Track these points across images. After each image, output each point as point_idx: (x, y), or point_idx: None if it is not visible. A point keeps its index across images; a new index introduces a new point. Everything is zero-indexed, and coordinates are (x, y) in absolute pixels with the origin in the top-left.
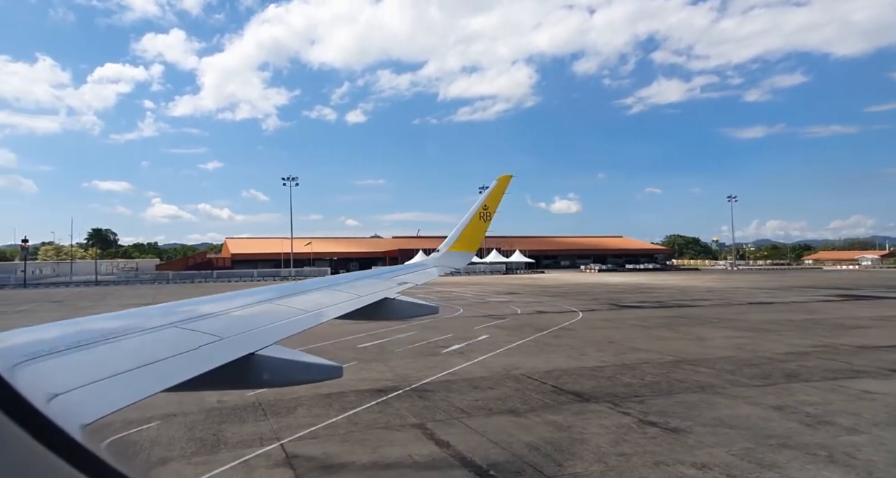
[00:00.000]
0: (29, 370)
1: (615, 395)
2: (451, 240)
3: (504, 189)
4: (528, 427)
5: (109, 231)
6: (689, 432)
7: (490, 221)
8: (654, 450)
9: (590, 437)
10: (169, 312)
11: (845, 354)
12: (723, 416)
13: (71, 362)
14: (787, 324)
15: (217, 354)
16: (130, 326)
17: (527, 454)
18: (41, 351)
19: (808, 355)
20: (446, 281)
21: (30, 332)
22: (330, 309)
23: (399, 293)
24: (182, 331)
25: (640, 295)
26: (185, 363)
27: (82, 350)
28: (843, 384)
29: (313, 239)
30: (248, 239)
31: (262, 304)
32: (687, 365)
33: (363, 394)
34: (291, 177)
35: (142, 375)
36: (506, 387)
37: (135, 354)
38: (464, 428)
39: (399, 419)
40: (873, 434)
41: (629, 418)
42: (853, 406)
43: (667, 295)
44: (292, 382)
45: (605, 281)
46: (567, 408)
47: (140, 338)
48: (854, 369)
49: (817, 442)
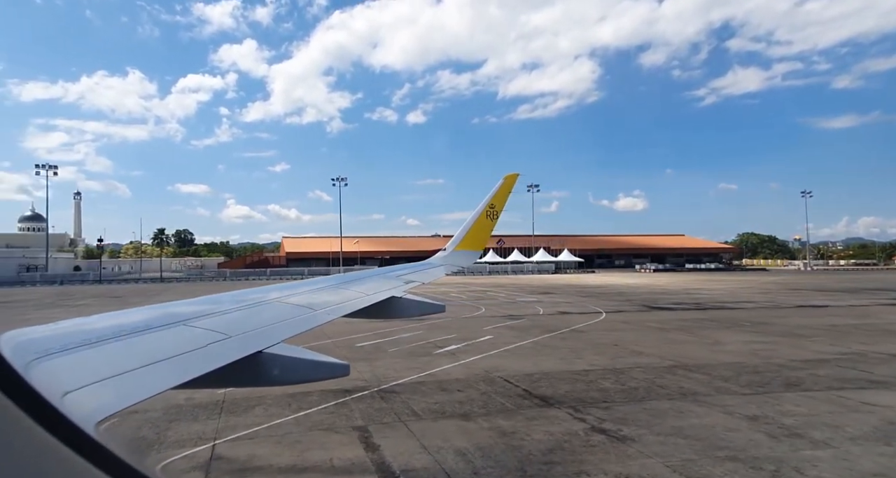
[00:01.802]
0: (43, 367)
1: (583, 400)
2: (458, 239)
3: (510, 188)
4: (469, 432)
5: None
6: (635, 441)
7: (497, 220)
8: (586, 459)
9: (527, 444)
10: (177, 310)
11: (872, 362)
12: (685, 425)
13: (82, 360)
14: (827, 329)
15: (224, 353)
16: (138, 323)
17: (449, 460)
18: (54, 348)
19: (827, 363)
20: (484, 282)
21: (43, 329)
22: (337, 308)
23: (406, 292)
24: (190, 329)
25: (682, 296)
26: (193, 361)
27: (92, 348)
28: (845, 395)
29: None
30: (302, 238)
31: (269, 302)
32: (682, 371)
33: (327, 394)
34: (341, 177)
35: (150, 372)
36: (475, 390)
37: (143, 352)
38: (404, 432)
39: (346, 421)
40: (842, 449)
41: (582, 425)
42: (840, 419)
43: (711, 297)
44: (299, 380)
45: (653, 282)
46: (524, 413)
47: (148, 336)
48: (872, 379)
49: (771, 456)
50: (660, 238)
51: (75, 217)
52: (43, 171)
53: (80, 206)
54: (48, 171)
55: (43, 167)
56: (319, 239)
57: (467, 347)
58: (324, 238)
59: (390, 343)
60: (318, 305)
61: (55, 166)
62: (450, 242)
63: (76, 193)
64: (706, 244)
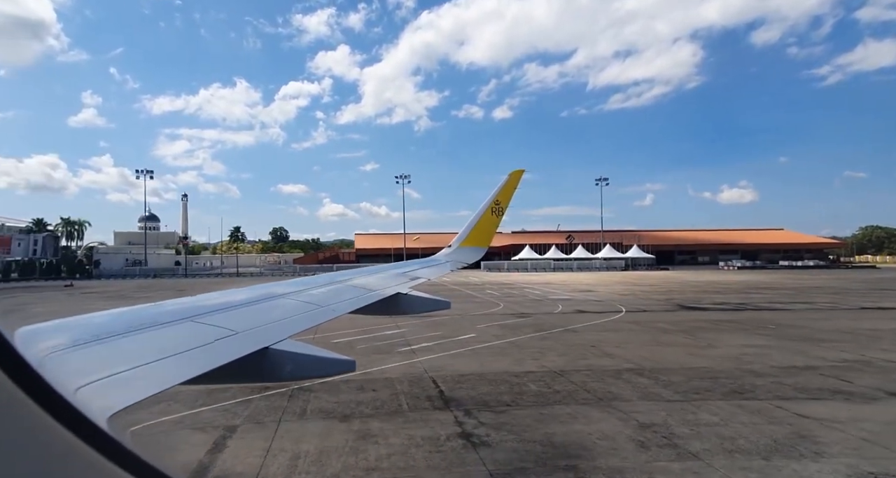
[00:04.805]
0: (56, 362)
1: (487, 403)
2: (463, 235)
3: (516, 184)
4: (330, 435)
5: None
6: (488, 447)
7: (502, 216)
8: (416, 465)
9: (375, 448)
10: (186, 306)
11: (869, 372)
12: (561, 432)
13: (93, 355)
14: (859, 334)
15: (231, 349)
16: (147, 319)
17: (275, 465)
18: (67, 344)
19: (811, 371)
20: (531, 279)
21: (56, 325)
22: (342, 304)
23: (411, 288)
24: (198, 325)
25: (736, 296)
26: (201, 357)
27: (102, 343)
28: (784, 406)
29: (425, 234)
30: (372, 235)
31: (277, 298)
32: (632, 375)
33: (247, 390)
34: (404, 175)
35: (159, 368)
36: (390, 390)
37: (151, 348)
38: (267, 434)
39: (225, 420)
40: (703, 462)
41: (452, 430)
42: (744, 430)
43: (767, 297)
44: (306, 375)
45: (722, 280)
46: (410, 415)
47: (156, 332)
48: (844, 390)
49: (617, 466)
50: (754, 232)
51: (182, 217)
52: (141, 176)
53: (186, 206)
54: (145, 175)
55: (141, 172)
56: (387, 236)
57: (435, 346)
58: (391, 235)
59: (366, 340)
60: (325, 302)
61: (151, 171)
62: (455, 238)
63: (183, 195)
64: (808, 239)
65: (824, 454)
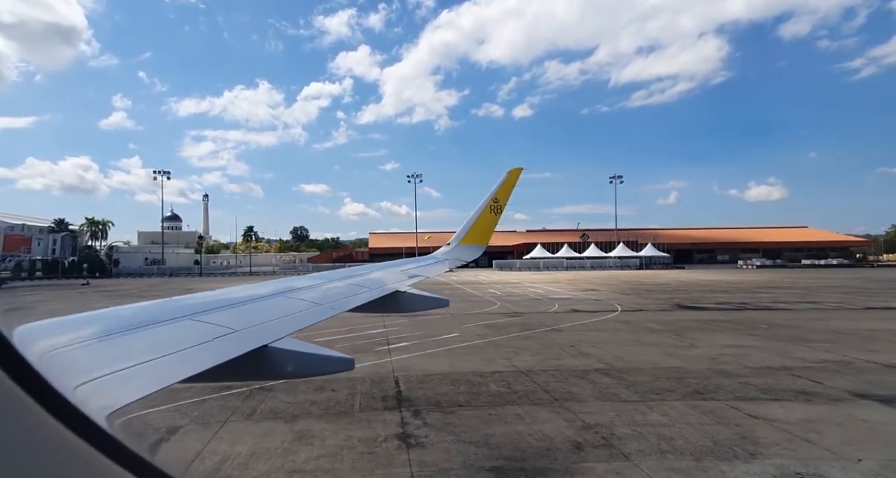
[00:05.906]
0: (56, 360)
1: (440, 404)
2: (462, 233)
3: (514, 182)
4: (271, 435)
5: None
6: (421, 448)
7: (501, 214)
8: (340, 468)
9: (308, 450)
10: (184, 305)
11: (846, 373)
12: (501, 432)
13: (92, 353)
14: (853, 334)
15: (230, 347)
16: (147, 318)
17: (201, 468)
18: (66, 342)
19: (784, 371)
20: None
21: (56, 323)
22: (340, 302)
23: (410, 286)
24: (197, 323)
25: (742, 295)
26: (200, 355)
27: (102, 341)
28: (740, 406)
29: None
30: (386, 234)
31: (275, 296)
32: (599, 375)
33: (206, 389)
34: (416, 174)
35: (158, 366)
36: (349, 390)
37: (151, 346)
38: (207, 435)
39: (173, 421)
40: (631, 462)
41: (393, 431)
42: (687, 431)
43: (774, 296)
44: (305, 374)
45: (736, 279)
46: (359, 416)
47: (156, 330)
48: (811, 391)
49: (543, 467)
50: (776, 231)
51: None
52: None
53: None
54: (162, 176)
55: (159, 172)
56: (400, 235)
57: (413, 345)
58: (404, 234)
59: (348, 339)
60: (323, 300)
61: (168, 172)
62: (453, 236)
63: (204, 196)
64: (833, 237)
65: (758, 455)
